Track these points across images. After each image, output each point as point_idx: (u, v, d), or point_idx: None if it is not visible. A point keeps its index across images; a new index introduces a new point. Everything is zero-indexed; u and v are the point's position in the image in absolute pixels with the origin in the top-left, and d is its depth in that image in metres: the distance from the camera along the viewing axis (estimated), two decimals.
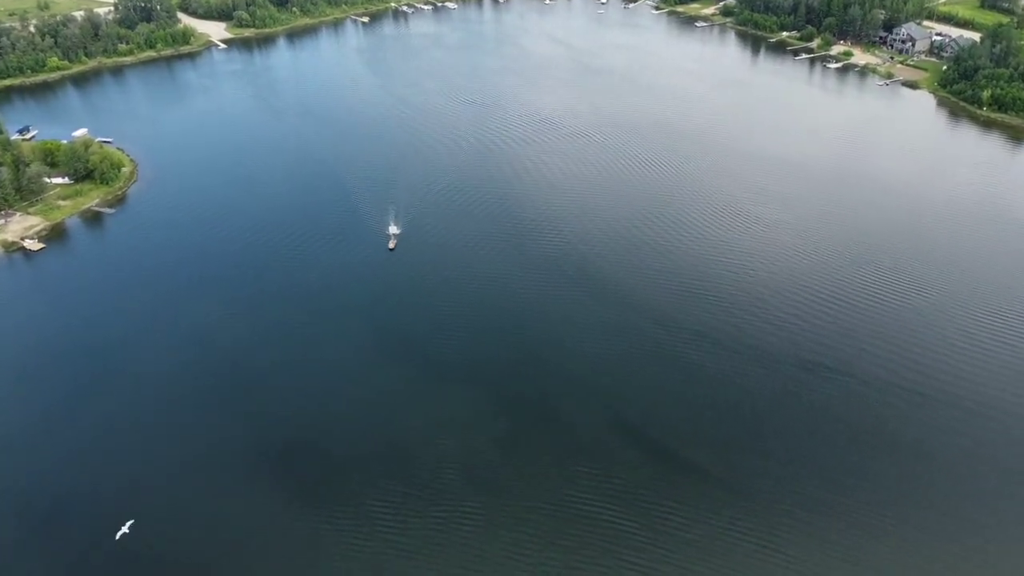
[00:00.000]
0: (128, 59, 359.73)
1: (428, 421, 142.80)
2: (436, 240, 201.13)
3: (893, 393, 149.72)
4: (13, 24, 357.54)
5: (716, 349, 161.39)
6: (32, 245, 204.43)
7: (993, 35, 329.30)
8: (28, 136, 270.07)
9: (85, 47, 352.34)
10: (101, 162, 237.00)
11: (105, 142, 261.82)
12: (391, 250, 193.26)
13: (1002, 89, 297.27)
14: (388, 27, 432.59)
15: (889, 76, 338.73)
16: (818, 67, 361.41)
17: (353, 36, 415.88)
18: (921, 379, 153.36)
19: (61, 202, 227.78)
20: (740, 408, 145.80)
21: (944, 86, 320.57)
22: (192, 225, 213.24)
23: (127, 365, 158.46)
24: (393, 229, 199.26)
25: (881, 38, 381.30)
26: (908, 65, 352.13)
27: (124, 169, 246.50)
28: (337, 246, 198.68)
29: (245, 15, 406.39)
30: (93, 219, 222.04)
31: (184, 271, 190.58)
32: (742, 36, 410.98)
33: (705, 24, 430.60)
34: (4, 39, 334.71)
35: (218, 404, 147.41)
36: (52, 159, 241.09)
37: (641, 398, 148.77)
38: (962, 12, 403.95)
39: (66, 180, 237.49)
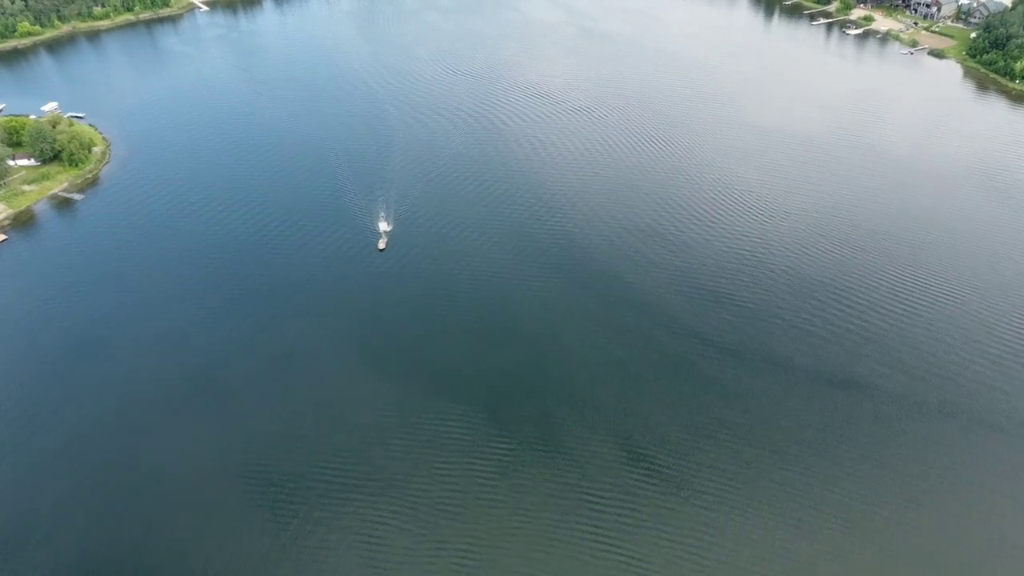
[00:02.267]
0: (104, 23, 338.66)
1: (420, 437, 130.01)
2: (430, 238, 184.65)
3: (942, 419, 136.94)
4: None
5: (726, 356, 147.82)
6: None
7: None
8: None
9: (58, 10, 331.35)
10: (70, 142, 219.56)
11: (76, 118, 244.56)
12: (381, 251, 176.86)
13: None
14: None
15: (913, 44, 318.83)
16: (836, 33, 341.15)
17: None
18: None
19: (26, 187, 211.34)
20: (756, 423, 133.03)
21: (973, 56, 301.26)
22: (167, 215, 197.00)
23: (96, 368, 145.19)
24: (383, 226, 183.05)
25: (904, 1, 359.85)
26: (933, 32, 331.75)
27: (96, 149, 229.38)
28: (323, 245, 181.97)
29: None
30: (61, 206, 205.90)
31: (158, 267, 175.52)
32: None
33: None
34: None
35: (190, 415, 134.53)
36: (17, 138, 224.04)
37: (649, 412, 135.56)
38: None
39: (32, 162, 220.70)
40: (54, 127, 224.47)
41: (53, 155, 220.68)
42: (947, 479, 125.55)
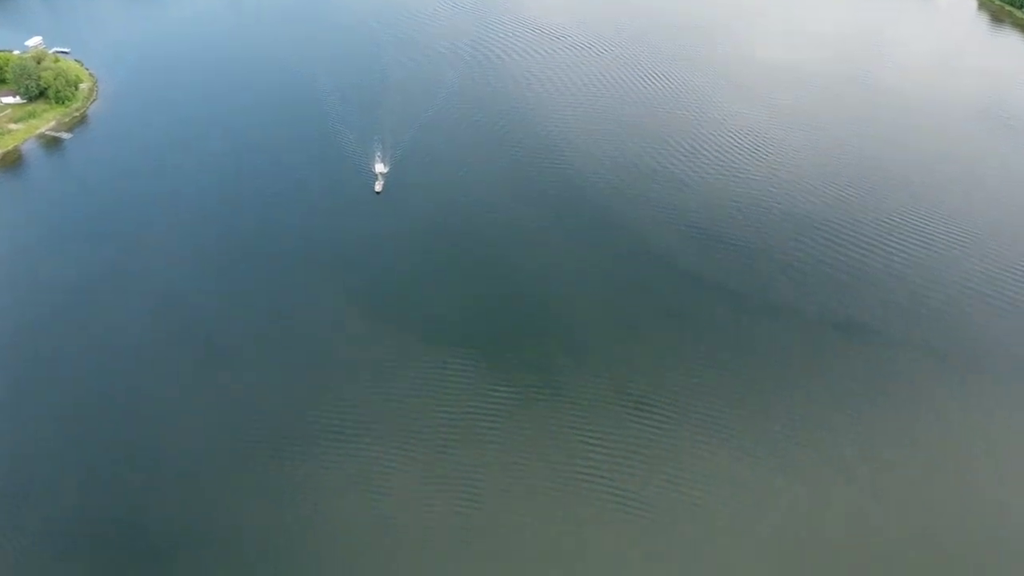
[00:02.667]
0: None
1: (420, 382, 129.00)
2: (427, 179, 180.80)
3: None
4: None
5: (724, 299, 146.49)
6: None
7: None
8: None
9: None
10: (55, 79, 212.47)
11: (61, 53, 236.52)
12: (378, 193, 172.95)
13: None
14: None
15: None
16: None
17: None
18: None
19: (12, 125, 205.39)
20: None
21: None
22: (158, 156, 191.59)
23: (87, 316, 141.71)
24: (380, 167, 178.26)
25: None
26: None
27: (83, 86, 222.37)
28: (319, 187, 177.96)
29: None
30: (49, 146, 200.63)
31: (150, 209, 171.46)
32: None
33: None
34: None
35: (185, 363, 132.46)
36: (1, 75, 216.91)
37: (646, 356, 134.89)
38: None
39: (17, 99, 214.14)
40: (39, 63, 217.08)
41: (39, 92, 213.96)
42: (941, 421, 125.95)
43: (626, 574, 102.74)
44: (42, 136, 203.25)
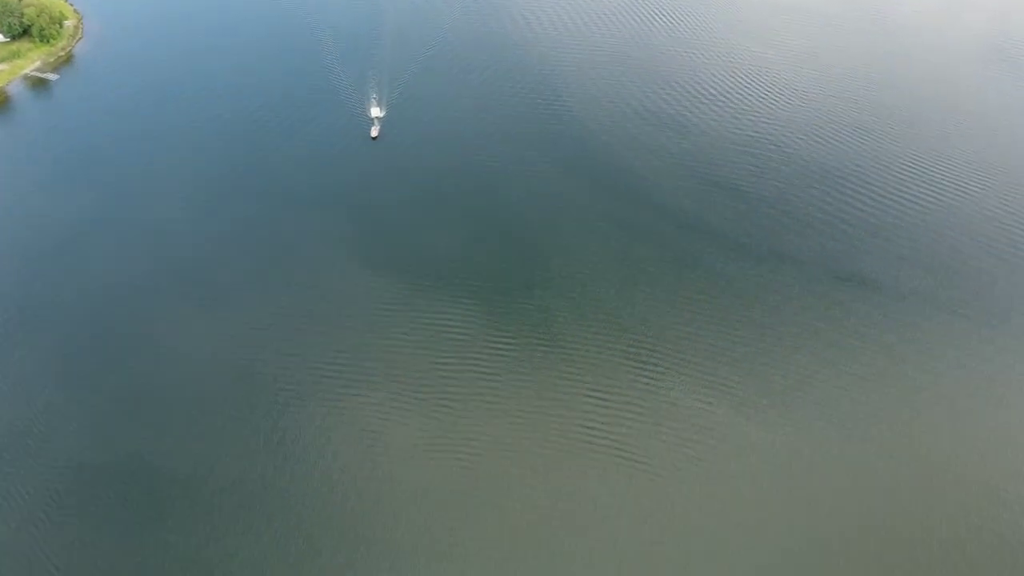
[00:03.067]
0: None
1: (419, 331, 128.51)
2: (425, 124, 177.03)
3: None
4: None
5: (730, 248, 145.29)
6: None
7: None
8: None
9: None
10: (39, 16, 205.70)
11: None
12: (374, 139, 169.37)
13: None
14: None
15: None
16: None
17: None
18: None
19: None
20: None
21: None
22: (147, 98, 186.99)
23: (80, 265, 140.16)
24: (376, 111, 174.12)
25: None
26: None
27: (67, 23, 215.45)
28: (313, 132, 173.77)
29: None
30: (36, 87, 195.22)
31: (141, 155, 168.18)
32: None
33: None
34: None
35: (180, 311, 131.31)
36: None
37: (649, 306, 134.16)
38: None
39: (0, 38, 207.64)
40: (20, 0, 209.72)
41: (22, 30, 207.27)
42: (953, 374, 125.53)
43: (624, 524, 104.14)
44: (28, 77, 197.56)
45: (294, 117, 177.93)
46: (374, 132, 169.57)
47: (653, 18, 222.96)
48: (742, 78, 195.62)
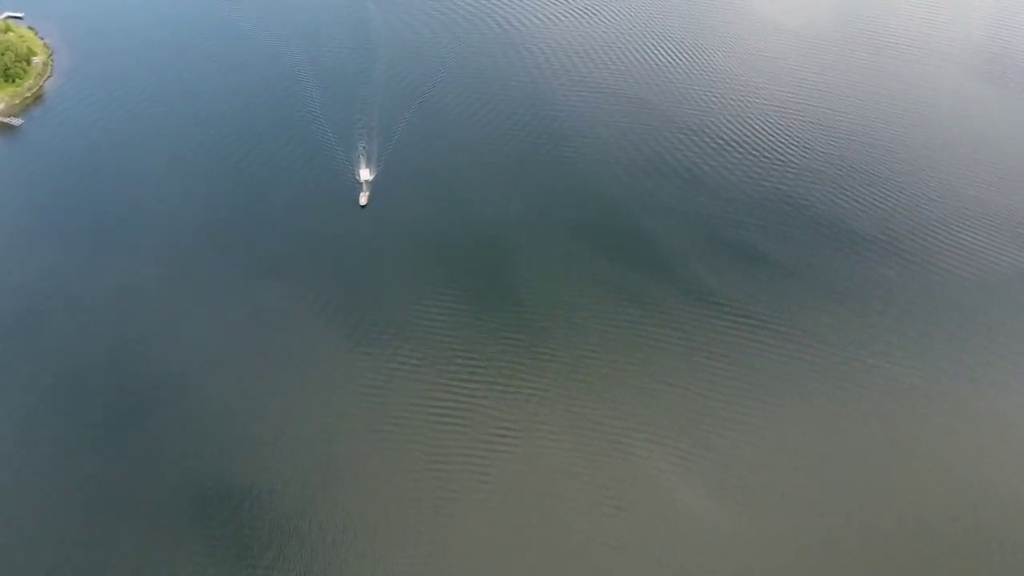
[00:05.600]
0: None
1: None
2: (420, 186, 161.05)
3: None
4: None
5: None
6: None
7: None
8: None
9: None
10: (4, 54, 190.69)
11: (13, 19, 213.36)
12: (363, 207, 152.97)
13: None
14: None
15: None
16: None
17: None
18: None
19: None
20: None
21: None
22: (119, 144, 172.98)
23: (39, 343, 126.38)
24: (364, 174, 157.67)
25: None
26: None
27: (36, 60, 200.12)
28: (295, 198, 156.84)
29: None
30: None
31: (108, 212, 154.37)
32: None
33: None
34: None
35: (140, 411, 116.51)
36: None
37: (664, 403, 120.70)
38: None
39: None
40: None
41: None
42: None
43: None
44: None
45: (275, 183, 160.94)
46: (363, 199, 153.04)
47: (666, 52, 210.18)
48: (761, 121, 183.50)
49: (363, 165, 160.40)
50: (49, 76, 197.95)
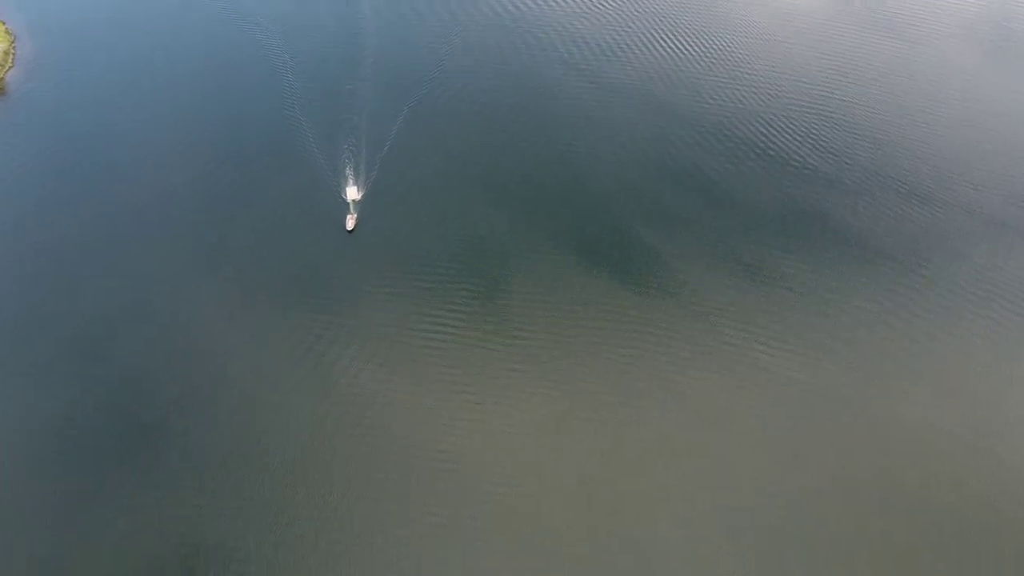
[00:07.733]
0: None
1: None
2: (414, 207, 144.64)
3: None
4: None
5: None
6: None
7: None
8: None
9: None
10: None
11: None
12: (350, 232, 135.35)
13: None
14: None
15: None
16: None
17: None
18: None
19: None
20: None
21: None
22: (84, 149, 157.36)
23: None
24: (352, 193, 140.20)
25: None
26: None
27: None
28: (273, 222, 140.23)
29: None
30: None
31: (71, 229, 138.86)
32: None
33: None
34: None
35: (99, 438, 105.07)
36: None
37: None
38: None
39: None
40: None
41: None
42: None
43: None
44: None
45: (253, 205, 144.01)
46: (350, 224, 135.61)
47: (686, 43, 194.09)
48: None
49: (350, 181, 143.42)
50: (10, 67, 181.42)
